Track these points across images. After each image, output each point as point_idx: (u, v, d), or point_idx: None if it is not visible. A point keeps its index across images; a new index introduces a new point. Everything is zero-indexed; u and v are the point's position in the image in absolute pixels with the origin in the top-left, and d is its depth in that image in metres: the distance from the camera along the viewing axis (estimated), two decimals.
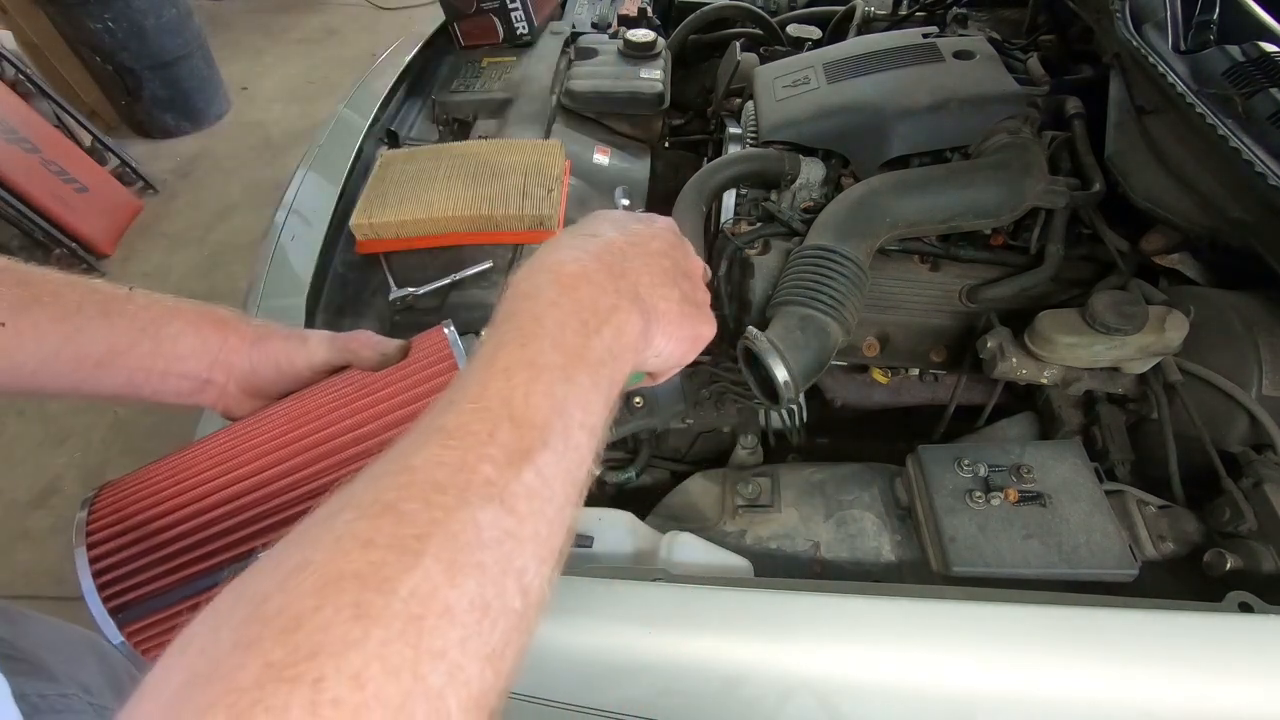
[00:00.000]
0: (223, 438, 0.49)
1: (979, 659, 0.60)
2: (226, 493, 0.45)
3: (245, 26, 3.88)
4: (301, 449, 0.45)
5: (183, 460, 0.48)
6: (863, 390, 0.98)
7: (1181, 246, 0.87)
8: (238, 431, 0.49)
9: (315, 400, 0.49)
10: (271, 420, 0.48)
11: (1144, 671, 0.59)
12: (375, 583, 0.23)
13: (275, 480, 0.44)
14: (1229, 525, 0.69)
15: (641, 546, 0.74)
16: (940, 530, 0.71)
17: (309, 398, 0.49)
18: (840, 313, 0.78)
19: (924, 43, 1.09)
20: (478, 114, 1.28)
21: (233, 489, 0.45)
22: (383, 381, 0.48)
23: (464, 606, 0.24)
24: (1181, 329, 0.76)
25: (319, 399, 0.48)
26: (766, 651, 0.63)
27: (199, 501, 0.44)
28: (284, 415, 0.48)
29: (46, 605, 1.66)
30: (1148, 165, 0.86)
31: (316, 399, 0.49)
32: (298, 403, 0.49)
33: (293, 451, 0.45)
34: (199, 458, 0.48)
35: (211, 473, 0.46)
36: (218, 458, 0.47)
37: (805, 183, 1.01)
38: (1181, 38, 0.90)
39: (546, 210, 0.97)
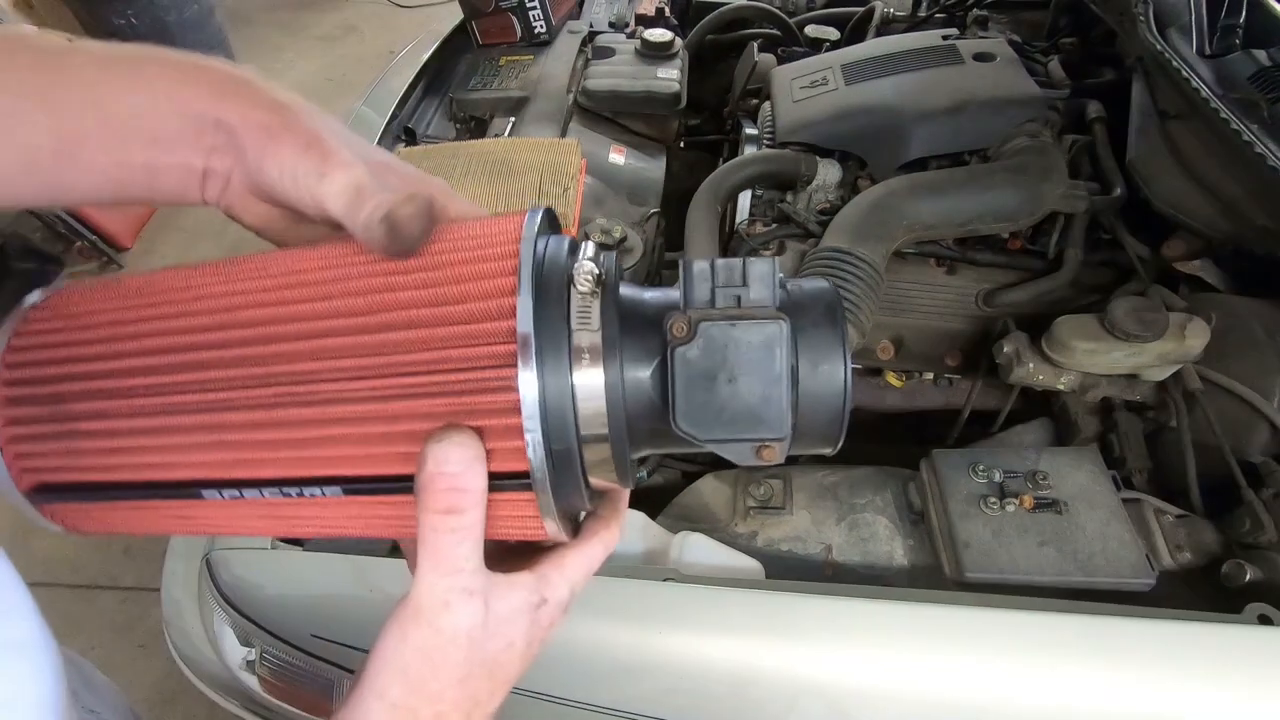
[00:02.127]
0: (195, 281, 0.36)
1: (991, 666, 0.60)
2: (174, 364, 0.33)
3: (265, 23, 3.91)
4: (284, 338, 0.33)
5: (140, 294, 0.36)
6: (876, 394, 0.97)
7: (1203, 253, 0.86)
8: (216, 282, 0.35)
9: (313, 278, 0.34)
10: (260, 283, 0.35)
11: (1160, 682, 0.58)
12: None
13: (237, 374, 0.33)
14: (1248, 536, 0.68)
15: (653, 546, 0.74)
16: (954, 536, 0.71)
17: (307, 273, 0.35)
18: (855, 315, 0.78)
19: (943, 44, 1.08)
20: (494, 112, 1.29)
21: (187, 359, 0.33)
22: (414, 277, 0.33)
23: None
24: (1202, 336, 0.75)
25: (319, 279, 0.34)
26: (776, 653, 0.62)
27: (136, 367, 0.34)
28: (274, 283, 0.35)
29: (63, 593, 1.69)
30: (1170, 170, 0.85)
31: (314, 278, 0.34)
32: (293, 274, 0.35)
33: (272, 337, 0.33)
34: (159, 298, 0.35)
35: (164, 328, 0.34)
36: (180, 308, 0.35)
37: (821, 184, 1.01)
38: (1206, 41, 0.88)
39: (562, 209, 0.97)
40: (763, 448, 0.32)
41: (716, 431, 0.31)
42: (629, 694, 0.65)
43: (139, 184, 0.36)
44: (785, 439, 0.31)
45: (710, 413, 0.31)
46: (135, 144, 0.35)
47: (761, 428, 0.31)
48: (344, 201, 0.33)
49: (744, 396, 0.31)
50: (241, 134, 0.35)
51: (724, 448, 0.32)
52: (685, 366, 0.31)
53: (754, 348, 0.31)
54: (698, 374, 0.31)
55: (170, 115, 0.35)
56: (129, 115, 0.35)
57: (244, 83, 0.35)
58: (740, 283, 0.32)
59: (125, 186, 0.36)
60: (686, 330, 0.31)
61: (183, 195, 0.37)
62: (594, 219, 1.01)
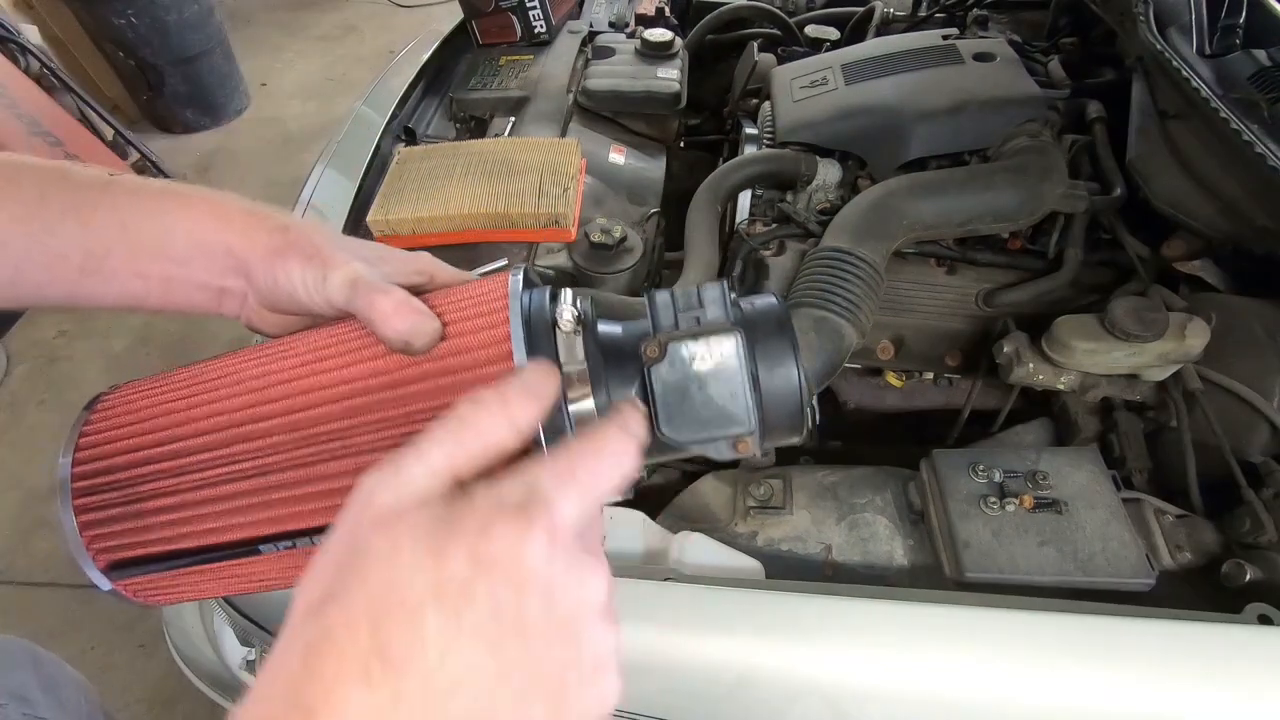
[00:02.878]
0: (233, 368, 0.41)
1: (991, 666, 0.60)
2: (226, 439, 0.38)
3: (265, 23, 3.91)
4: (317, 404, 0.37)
5: (187, 385, 0.41)
6: (876, 393, 0.97)
7: (1203, 253, 0.86)
8: (251, 365, 0.41)
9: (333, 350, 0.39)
10: (288, 361, 0.40)
11: (1160, 682, 0.58)
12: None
13: (281, 440, 0.37)
14: (1248, 536, 0.68)
15: (652, 546, 0.74)
16: (954, 535, 0.71)
17: (328, 348, 0.40)
18: (855, 315, 0.78)
19: (943, 44, 1.08)
20: (494, 112, 1.29)
21: (235, 433, 0.38)
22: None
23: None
24: (1202, 336, 0.75)
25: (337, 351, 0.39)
26: (776, 653, 0.62)
27: (193, 446, 0.38)
28: (300, 360, 0.40)
29: (63, 592, 1.70)
30: (1170, 170, 0.85)
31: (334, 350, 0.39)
32: (315, 350, 0.40)
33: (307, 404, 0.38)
34: (203, 387, 0.40)
35: (212, 410, 0.39)
36: (224, 393, 0.39)
37: (821, 184, 1.01)
38: (1206, 41, 0.88)
39: (562, 209, 0.97)
40: (738, 442, 0.37)
41: (696, 433, 0.36)
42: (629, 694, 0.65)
43: (156, 295, 0.42)
44: (755, 432, 0.37)
45: (688, 418, 0.36)
46: (154, 261, 0.41)
47: (733, 425, 0.36)
48: (344, 294, 0.39)
49: (714, 400, 0.36)
50: (250, 259, 0.41)
51: (704, 446, 0.37)
52: (661, 382, 0.36)
53: (716, 358, 0.36)
54: (672, 387, 0.36)
55: (186, 242, 0.41)
56: (150, 237, 0.41)
57: (251, 214, 0.42)
58: (698, 305, 0.39)
59: (143, 297, 0.42)
60: (658, 352, 0.36)
61: (197, 307, 0.43)
62: (594, 219, 1.01)
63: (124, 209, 0.41)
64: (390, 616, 0.25)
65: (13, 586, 1.74)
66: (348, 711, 0.25)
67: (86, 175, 0.41)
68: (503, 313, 0.37)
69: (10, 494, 1.90)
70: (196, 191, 0.42)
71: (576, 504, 0.29)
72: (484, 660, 0.26)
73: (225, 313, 0.44)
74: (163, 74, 2.85)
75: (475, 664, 0.26)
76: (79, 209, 0.40)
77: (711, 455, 0.37)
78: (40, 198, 0.40)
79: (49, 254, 0.40)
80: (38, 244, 0.40)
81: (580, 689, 0.28)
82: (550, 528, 0.27)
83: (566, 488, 0.28)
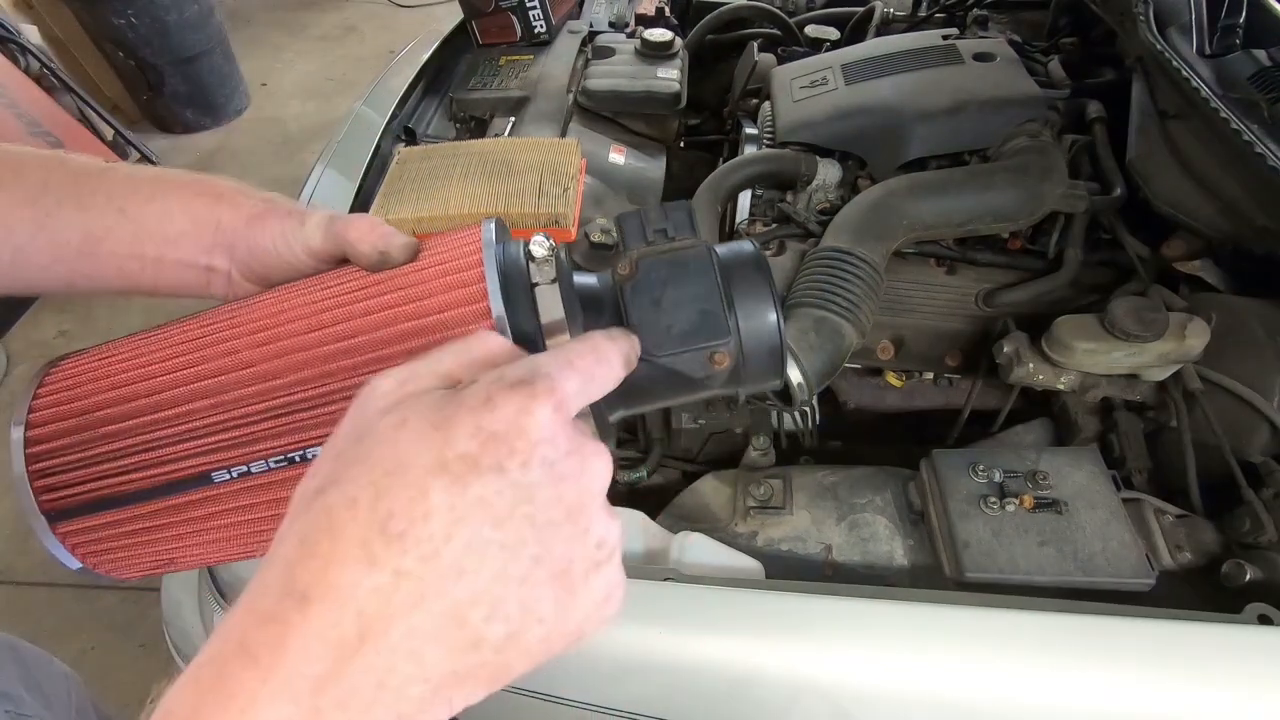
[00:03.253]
0: (193, 326, 0.41)
1: (990, 666, 0.60)
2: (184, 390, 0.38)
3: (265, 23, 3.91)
4: (274, 353, 0.38)
5: (147, 343, 0.41)
6: (876, 393, 0.97)
7: (1203, 253, 0.86)
8: (209, 321, 0.41)
9: (301, 297, 0.40)
10: (248, 313, 0.40)
11: (1160, 682, 0.58)
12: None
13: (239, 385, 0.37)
14: (1248, 536, 0.68)
15: (652, 546, 0.74)
16: (954, 535, 0.71)
17: (294, 293, 0.41)
18: (855, 315, 0.78)
19: (943, 44, 1.08)
20: (494, 112, 1.29)
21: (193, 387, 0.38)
22: (386, 284, 0.38)
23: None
24: (1202, 336, 0.75)
25: (306, 296, 0.40)
26: (776, 653, 0.62)
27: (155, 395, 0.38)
28: (262, 310, 0.40)
29: (63, 593, 1.69)
30: (1170, 170, 0.85)
31: (303, 295, 0.40)
32: (281, 297, 0.41)
33: (264, 355, 0.38)
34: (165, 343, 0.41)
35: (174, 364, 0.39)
36: (184, 347, 0.40)
37: (821, 184, 1.01)
38: (1206, 41, 0.88)
39: (562, 209, 0.97)
40: (714, 354, 0.37)
41: (670, 346, 0.36)
42: (629, 694, 0.65)
43: (148, 275, 0.44)
44: (729, 341, 0.37)
45: (661, 331, 0.36)
46: (149, 241, 0.43)
47: (707, 336, 0.36)
48: (320, 233, 0.41)
49: (687, 312, 0.36)
50: (236, 229, 0.43)
51: (679, 360, 0.37)
52: (634, 296, 0.37)
53: (687, 270, 0.37)
54: (645, 301, 0.37)
55: (181, 218, 0.43)
56: (147, 218, 0.43)
57: (239, 191, 0.44)
58: (665, 219, 0.39)
59: (135, 278, 0.44)
60: (630, 269, 0.37)
61: (187, 287, 0.45)
62: (594, 219, 1.01)
63: (120, 193, 0.42)
64: (392, 492, 0.24)
65: (12, 586, 1.74)
66: (346, 594, 0.24)
67: (83, 162, 0.44)
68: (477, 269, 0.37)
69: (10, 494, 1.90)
70: (188, 175, 0.45)
71: (577, 387, 0.28)
72: (491, 536, 0.25)
73: (214, 293, 0.45)
74: (163, 74, 2.85)
75: (482, 541, 0.25)
76: (78, 194, 0.42)
77: (686, 371, 0.37)
78: (42, 184, 0.42)
79: (51, 237, 0.42)
80: (40, 228, 0.41)
81: (586, 579, 0.27)
82: (554, 402, 0.26)
83: (566, 370, 0.28)
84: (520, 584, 0.25)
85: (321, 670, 0.24)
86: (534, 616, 0.26)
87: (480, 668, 0.26)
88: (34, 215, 0.41)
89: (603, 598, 0.28)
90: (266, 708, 0.23)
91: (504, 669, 0.26)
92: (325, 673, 0.24)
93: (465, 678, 0.26)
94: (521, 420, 0.25)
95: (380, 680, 0.24)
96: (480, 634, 0.25)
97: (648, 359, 0.36)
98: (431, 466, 0.25)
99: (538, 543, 0.26)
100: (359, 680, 0.24)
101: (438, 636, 0.25)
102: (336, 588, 0.24)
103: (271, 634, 0.24)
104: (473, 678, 0.26)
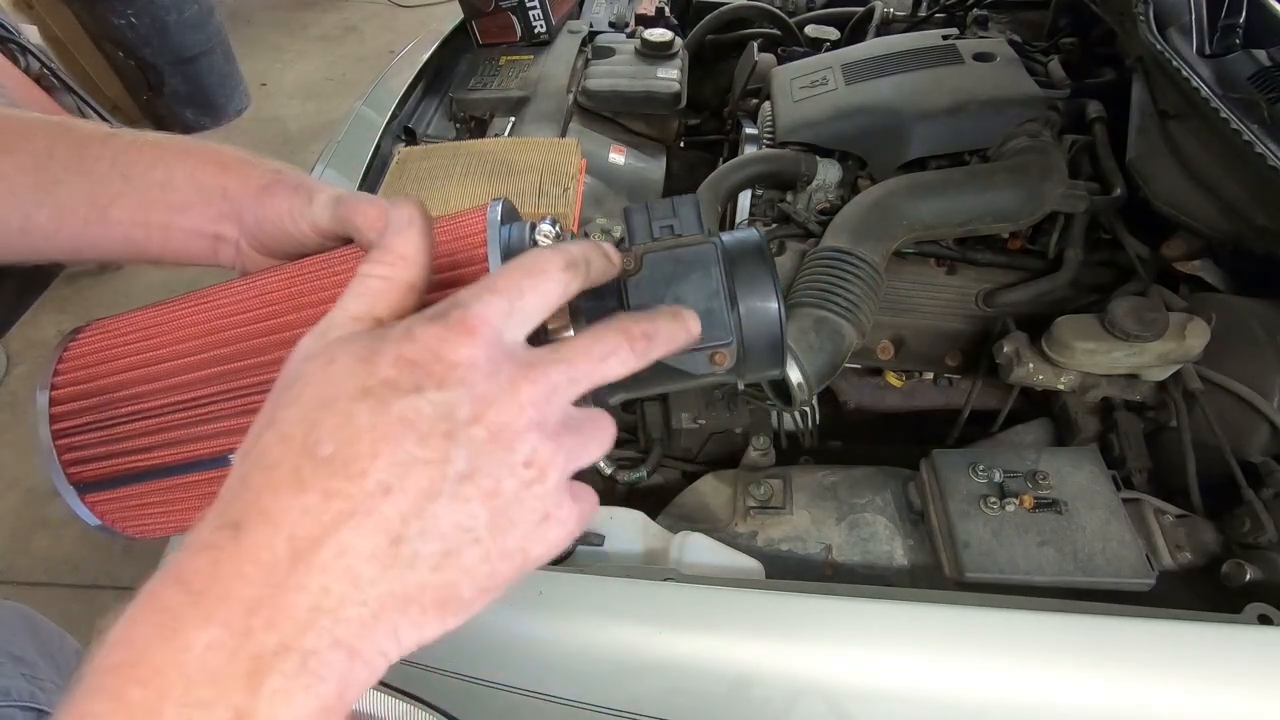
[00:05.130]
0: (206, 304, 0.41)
1: (991, 666, 0.60)
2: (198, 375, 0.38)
3: (265, 23, 3.91)
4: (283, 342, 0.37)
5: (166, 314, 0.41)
6: (876, 393, 0.97)
7: (1203, 253, 0.86)
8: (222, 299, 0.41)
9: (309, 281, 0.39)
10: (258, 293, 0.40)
11: (1159, 682, 0.58)
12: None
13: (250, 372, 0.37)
14: (1248, 536, 0.68)
15: (652, 546, 0.74)
16: (954, 535, 0.71)
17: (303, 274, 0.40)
18: (855, 315, 0.78)
19: (943, 44, 1.08)
20: (494, 112, 1.29)
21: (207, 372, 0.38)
22: None
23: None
24: (1202, 336, 0.75)
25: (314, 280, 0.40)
26: (776, 653, 0.62)
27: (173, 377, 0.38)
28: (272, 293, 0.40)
29: (64, 592, 1.69)
30: (1170, 170, 0.85)
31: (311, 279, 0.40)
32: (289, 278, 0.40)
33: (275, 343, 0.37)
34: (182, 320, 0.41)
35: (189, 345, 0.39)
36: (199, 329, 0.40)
37: (821, 184, 1.01)
38: (1206, 41, 0.88)
39: (562, 209, 0.97)
40: (715, 353, 0.36)
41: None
42: (629, 694, 0.65)
43: (155, 243, 0.43)
44: (731, 342, 0.36)
45: None
46: (155, 208, 0.42)
47: (709, 335, 0.36)
48: (328, 212, 0.40)
49: (690, 309, 0.35)
50: (243, 199, 0.42)
51: (680, 358, 0.36)
52: (637, 292, 0.36)
53: (692, 266, 0.36)
54: (648, 297, 0.36)
55: (186, 186, 0.42)
56: (152, 185, 0.42)
57: (246, 160, 0.44)
58: (672, 214, 0.38)
59: (142, 246, 0.44)
60: (634, 264, 0.36)
61: (194, 256, 0.44)
62: (594, 219, 1.01)
63: (125, 159, 0.42)
64: (321, 421, 0.26)
65: (13, 586, 1.74)
66: (278, 518, 0.25)
67: (88, 128, 0.43)
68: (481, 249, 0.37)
69: (10, 494, 1.90)
70: (192, 141, 0.44)
71: (498, 309, 0.29)
72: (415, 452, 0.26)
73: (222, 262, 0.45)
74: (162, 74, 2.85)
75: (407, 457, 0.25)
76: (83, 160, 0.42)
77: (687, 369, 0.37)
78: (48, 150, 0.41)
79: (57, 204, 0.42)
80: (47, 194, 0.41)
81: (519, 497, 0.27)
82: (469, 328, 0.27)
83: (485, 295, 0.29)
84: (450, 499, 0.26)
85: (253, 593, 0.24)
86: (469, 535, 0.26)
87: (421, 590, 0.26)
88: (39, 181, 0.41)
89: (539, 517, 0.28)
90: (198, 630, 0.24)
91: (450, 593, 0.27)
92: (257, 595, 0.24)
93: (407, 601, 0.26)
94: (438, 346, 0.27)
95: (315, 602, 0.24)
96: (415, 550, 0.26)
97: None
98: (356, 393, 0.26)
99: (462, 460, 0.26)
100: (292, 600, 0.24)
101: (372, 555, 0.25)
102: (268, 512, 0.25)
103: (204, 560, 0.25)
104: (415, 602, 0.26)
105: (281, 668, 0.24)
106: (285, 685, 0.24)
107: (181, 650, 0.23)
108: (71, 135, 0.42)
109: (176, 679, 0.23)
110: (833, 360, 0.76)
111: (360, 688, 0.26)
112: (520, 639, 0.65)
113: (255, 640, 0.24)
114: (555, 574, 0.67)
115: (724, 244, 0.38)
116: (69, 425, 0.39)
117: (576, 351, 0.30)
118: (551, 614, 0.65)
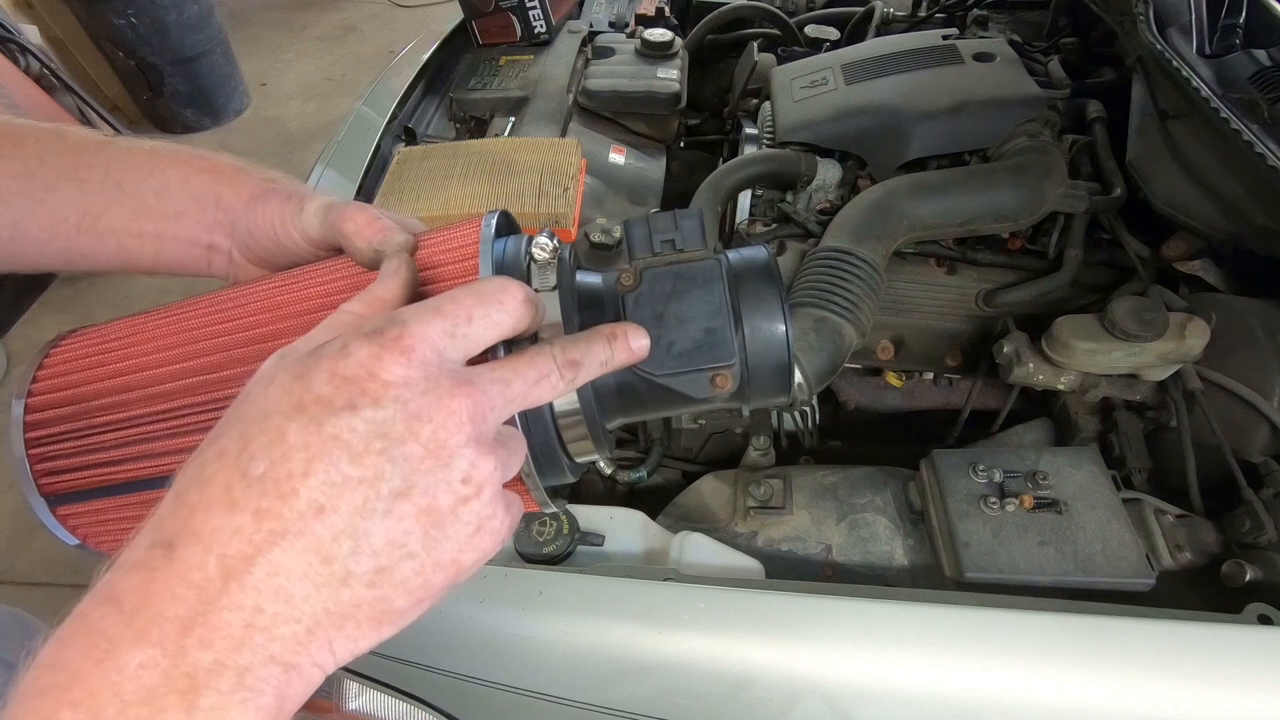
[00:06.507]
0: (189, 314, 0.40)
1: (990, 666, 0.60)
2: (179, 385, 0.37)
3: (265, 23, 3.91)
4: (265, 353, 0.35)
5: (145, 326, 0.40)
6: (876, 393, 0.97)
7: (1203, 253, 0.86)
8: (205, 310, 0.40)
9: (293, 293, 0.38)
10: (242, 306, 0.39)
11: (1159, 682, 0.58)
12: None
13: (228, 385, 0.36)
14: (1248, 536, 0.68)
15: (652, 546, 0.74)
16: (954, 535, 0.71)
17: (288, 286, 0.39)
18: (855, 315, 0.78)
19: (943, 44, 1.08)
20: (494, 112, 1.29)
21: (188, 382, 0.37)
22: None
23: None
24: (1202, 336, 0.75)
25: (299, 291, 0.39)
26: (776, 653, 0.62)
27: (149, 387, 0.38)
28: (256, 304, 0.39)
29: (64, 593, 1.69)
30: (1170, 170, 0.85)
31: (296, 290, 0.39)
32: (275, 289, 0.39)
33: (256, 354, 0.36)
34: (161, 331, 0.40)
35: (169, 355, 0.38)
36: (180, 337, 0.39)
37: (821, 184, 1.01)
38: (1206, 41, 0.88)
39: (562, 209, 0.97)
40: (716, 376, 0.34)
41: (670, 365, 0.34)
42: (629, 694, 0.65)
43: (148, 253, 0.43)
44: (734, 364, 0.34)
45: (661, 348, 0.34)
46: (149, 217, 0.42)
47: (710, 356, 0.34)
48: (318, 220, 0.40)
49: (691, 330, 0.34)
50: (236, 208, 0.42)
51: (680, 380, 0.34)
52: (636, 309, 0.34)
53: (694, 282, 0.35)
54: (648, 315, 0.34)
55: (180, 194, 0.42)
56: (146, 194, 0.41)
57: (240, 169, 0.44)
58: (674, 228, 0.36)
59: (135, 256, 0.43)
60: (633, 279, 0.35)
61: (187, 266, 0.44)
62: (594, 219, 1.01)
63: (119, 168, 0.42)
64: (254, 438, 0.26)
65: (13, 586, 1.74)
66: (209, 537, 0.24)
67: (82, 136, 0.42)
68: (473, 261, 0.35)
69: (10, 494, 1.90)
70: (187, 149, 0.44)
71: (439, 330, 0.28)
72: (348, 471, 0.26)
73: (215, 272, 0.44)
74: (162, 74, 2.85)
75: (340, 477, 0.25)
76: (76, 168, 0.41)
77: (686, 392, 0.35)
78: (40, 158, 0.41)
79: (48, 212, 0.41)
80: (38, 202, 0.40)
81: (455, 513, 0.28)
82: (405, 347, 0.27)
83: (427, 315, 0.28)
84: (384, 517, 0.26)
85: (185, 612, 0.24)
86: (403, 551, 0.27)
87: (355, 607, 0.26)
88: (31, 188, 0.40)
89: (473, 530, 0.28)
90: (130, 651, 0.23)
91: (384, 607, 0.27)
92: (190, 614, 0.24)
93: (342, 617, 0.26)
94: (372, 364, 0.26)
95: (248, 620, 0.24)
96: (348, 569, 0.26)
97: (646, 376, 0.34)
98: (290, 410, 0.26)
99: (397, 477, 0.26)
100: (226, 619, 0.24)
101: (305, 574, 0.25)
102: (199, 532, 0.25)
103: (137, 580, 0.25)
104: (350, 618, 0.26)
105: (216, 685, 0.24)
106: (221, 701, 0.24)
107: (115, 671, 0.23)
108: (64, 143, 0.42)
109: (110, 700, 0.23)
110: (833, 360, 0.76)
111: (299, 699, 0.26)
112: (520, 639, 0.65)
113: (189, 659, 0.24)
114: (555, 574, 0.67)
115: (729, 261, 0.36)
116: (44, 434, 0.38)
117: (513, 373, 0.30)
118: (552, 614, 0.65)
